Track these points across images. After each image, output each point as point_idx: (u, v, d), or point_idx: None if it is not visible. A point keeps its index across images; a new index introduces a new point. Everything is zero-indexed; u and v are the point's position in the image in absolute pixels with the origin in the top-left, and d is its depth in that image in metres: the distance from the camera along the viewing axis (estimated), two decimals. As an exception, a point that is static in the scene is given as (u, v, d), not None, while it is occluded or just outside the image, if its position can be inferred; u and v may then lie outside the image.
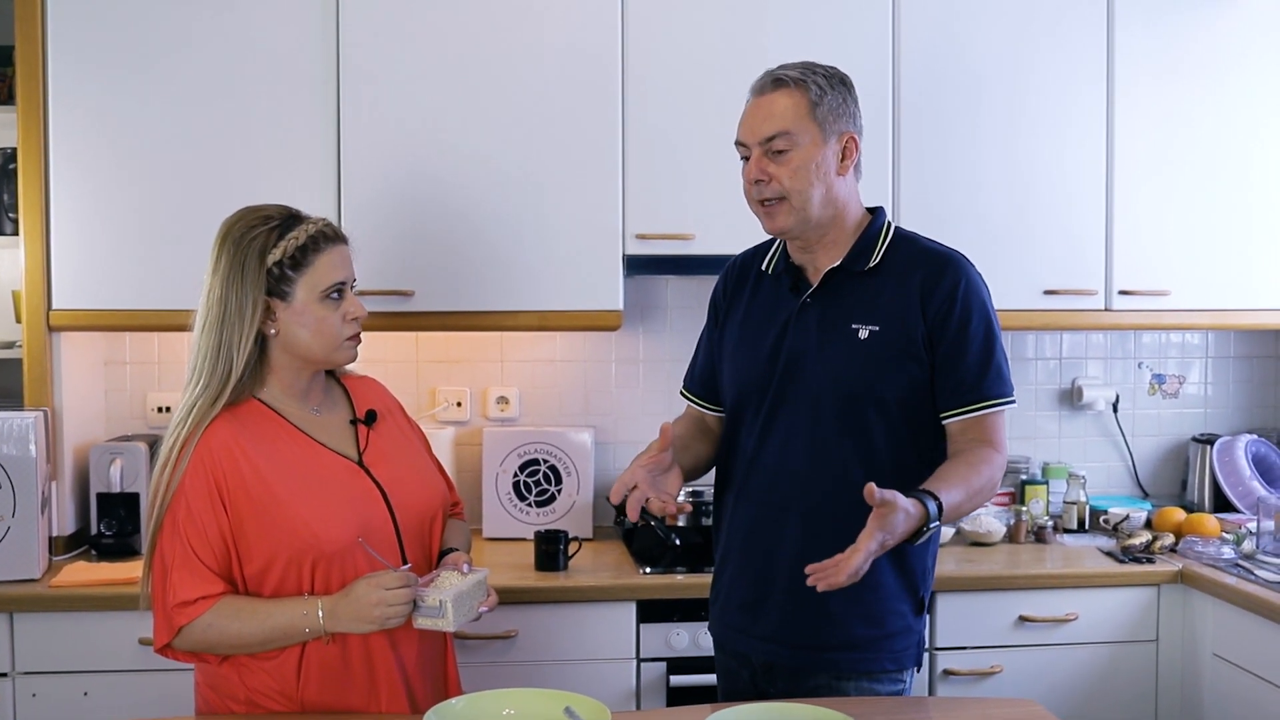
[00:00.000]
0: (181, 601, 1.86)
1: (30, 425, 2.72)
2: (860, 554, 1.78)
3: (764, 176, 2.06)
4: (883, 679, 2.10)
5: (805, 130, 2.04)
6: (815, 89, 2.05)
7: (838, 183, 2.08)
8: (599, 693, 2.05)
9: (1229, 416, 3.69)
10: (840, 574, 1.78)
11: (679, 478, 2.06)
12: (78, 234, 2.89)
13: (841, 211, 2.10)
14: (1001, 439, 2.05)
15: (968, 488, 1.95)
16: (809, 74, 2.06)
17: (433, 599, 1.88)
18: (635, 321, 3.42)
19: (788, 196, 2.05)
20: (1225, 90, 3.22)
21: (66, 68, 2.88)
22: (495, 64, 2.96)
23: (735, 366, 2.20)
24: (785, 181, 2.04)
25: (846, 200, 2.10)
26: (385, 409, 2.15)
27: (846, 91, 2.10)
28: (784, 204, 2.06)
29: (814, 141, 2.04)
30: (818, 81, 2.06)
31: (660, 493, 2.00)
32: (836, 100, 2.06)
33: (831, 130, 2.06)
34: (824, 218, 2.08)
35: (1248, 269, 3.25)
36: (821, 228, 2.09)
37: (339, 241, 2.00)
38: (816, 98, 2.04)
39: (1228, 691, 2.79)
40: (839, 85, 2.08)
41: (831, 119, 2.05)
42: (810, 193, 2.05)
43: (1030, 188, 3.15)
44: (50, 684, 2.65)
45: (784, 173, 2.04)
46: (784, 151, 2.04)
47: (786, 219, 2.07)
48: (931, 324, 2.04)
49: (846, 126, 2.08)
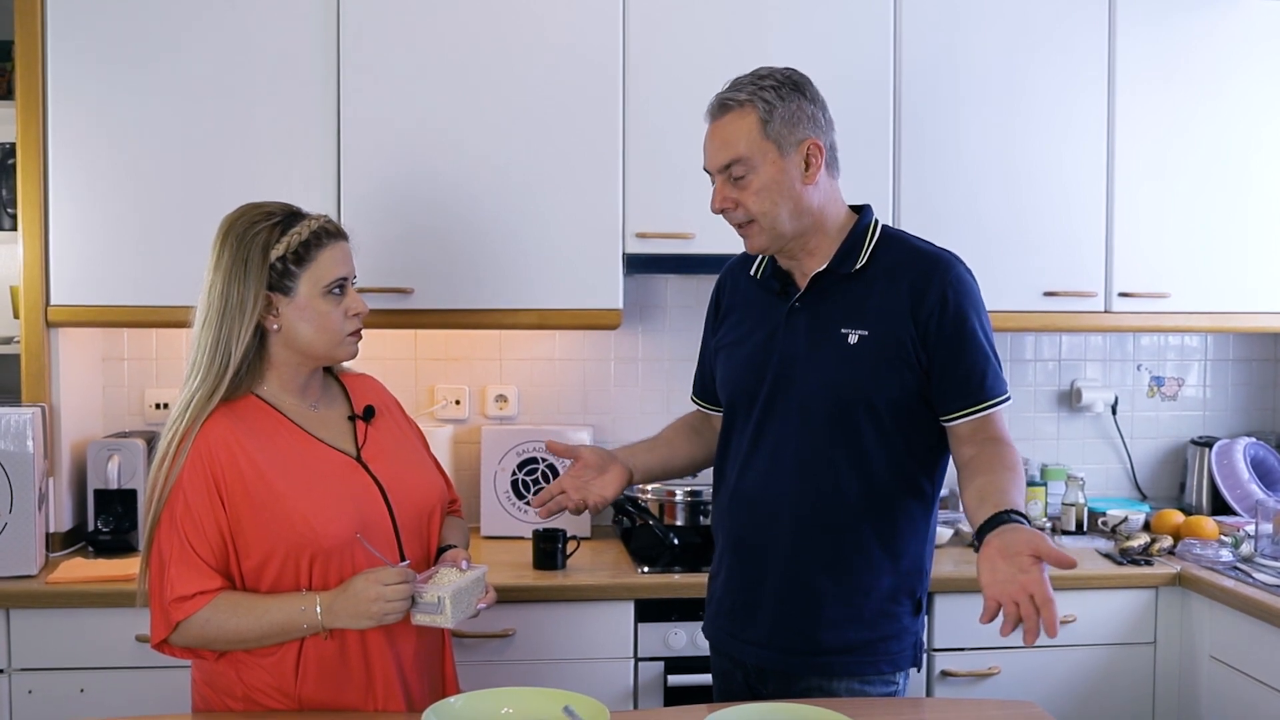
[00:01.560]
0: (179, 596, 1.85)
1: (28, 421, 2.71)
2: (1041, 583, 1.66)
3: (729, 204, 2.05)
4: (874, 681, 2.09)
5: (761, 151, 2.01)
6: (763, 105, 2.00)
7: (807, 192, 2.04)
8: (597, 692, 2.05)
9: (1227, 419, 3.70)
10: (1051, 626, 1.64)
11: (620, 477, 2.18)
12: (76, 230, 2.89)
13: (819, 218, 2.07)
14: (1006, 435, 2.03)
15: (1003, 478, 1.91)
16: (756, 91, 2.01)
17: (431, 595, 1.88)
18: (634, 320, 3.41)
19: (755, 220, 2.04)
20: (1225, 94, 3.23)
21: (66, 63, 2.87)
22: (496, 63, 2.96)
23: (727, 372, 2.21)
24: (751, 206, 2.03)
25: (822, 206, 2.07)
26: (383, 406, 2.15)
27: (800, 96, 2.03)
28: (754, 225, 2.05)
29: (772, 160, 2.01)
30: (765, 97, 2.00)
31: (585, 492, 2.15)
32: (789, 110, 2.01)
33: (789, 143, 2.01)
34: (800, 228, 2.06)
35: (1247, 272, 3.25)
36: (802, 238, 2.07)
37: (340, 238, 2.01)
38: (766, 114, 2.00)
39: (1225, 694, 2.79)
40: (791, 93, 2.02)
41: (787, 132, 2.01)
42: (777, 212, 2.03)
43: (1030, 189, 3.15)
44: (47, 681, 2.65)
45: (748, 197, 2.03)
46: (743, 177, 2.02)
47: (760, 239, 2.06)
48: (923, 327, 2.02)
49: (806, 134, 2.02)
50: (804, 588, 2.07)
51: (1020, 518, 1.79)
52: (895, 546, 2.08)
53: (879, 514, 2.06)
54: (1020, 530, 1.74)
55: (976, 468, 1.98)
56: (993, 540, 1.75)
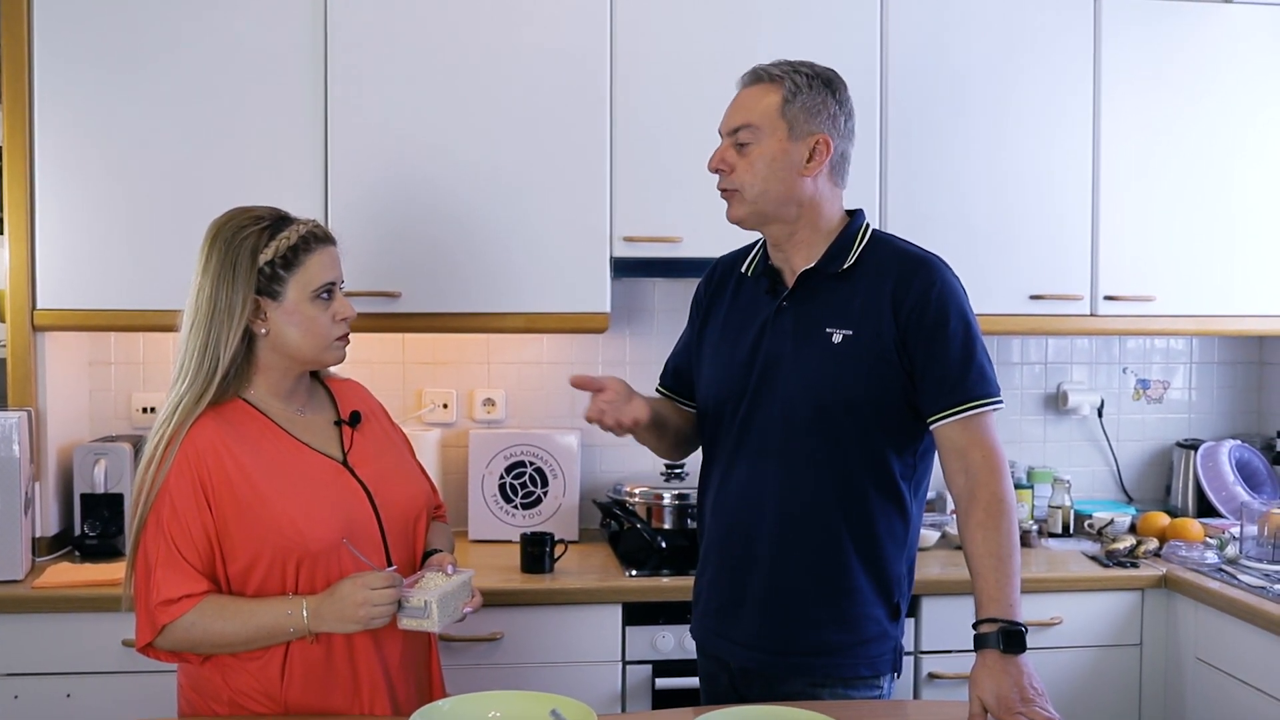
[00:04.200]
0: (165, 600, 1.85)
1: (14, 425, 2.71)
2: None
3: (724, 166, 2.07)
4: (858, 685, 2.09)
5: (771, 126, 2.03)
6: (790, 86, 2.04)
7: (802, 182, 2.05)
8: (584, 695, 2.05)
9: (1213, 422, 3.71)
10: None
11: (644, 404, 2.12)
12: (63, 233, 2.88)
13: (809, 212, 2.07)
14: (994, 441, 2.00)
15: (998, 560, 1.93)
16: (790, 72, 2.05)
17: (417, 600, 1.88)
18: (622, 324, 3.42)
19: (740, 189, 2.06)
20: (1211, 98, 3.24)
21: (52, 66, 2.86)
22: (483, 66, 2.96)
23: (713, 370, 2.20)
24: (741, 173, 2.05)
25: (816, 201, 2.07)
26: (368, 411, 2.15)
27: (829, 94, 2.06)
28: (737, 194, 2.07)
29: (778, 138, 2.03)
30: (796, 80, 2.04)
31: (619, 413, 2.08)
32: (813, 100, 2.04)
33: (801, 130, 2.03)
34: (785, 215, 2.07)
35: (1232, 275, 3.27)
36: (786, 225, 2.08)
37: (329, 242, 2.01)
38: (790, 95, 2.03)
39: (1210, 695, 2.80)
40: (820, 87, 2.06)
41: (803, 118, 2.03)
42: (765, 188, 2.04)
43: (1016, 193, 3.16)
44: (33, 686, 2.64)
45: (742, 164, 2.05)
46: (746, 144, 2.05)
47: (739, 209, 2.08)
48: (904, 327, 2.01)
49: (820, 129, 2.04)
50: (788, 587, 2.08)
51: (1017, 629, 1.88)
52: (875, 549, 2.08)
53: (858, 517, 2.06)
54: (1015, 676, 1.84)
55: (972, 523, 1.97)
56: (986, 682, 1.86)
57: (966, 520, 1.98)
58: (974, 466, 1.98)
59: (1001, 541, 1.94)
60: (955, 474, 2.01)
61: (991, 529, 1.95)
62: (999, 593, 1.91)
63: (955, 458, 2.01)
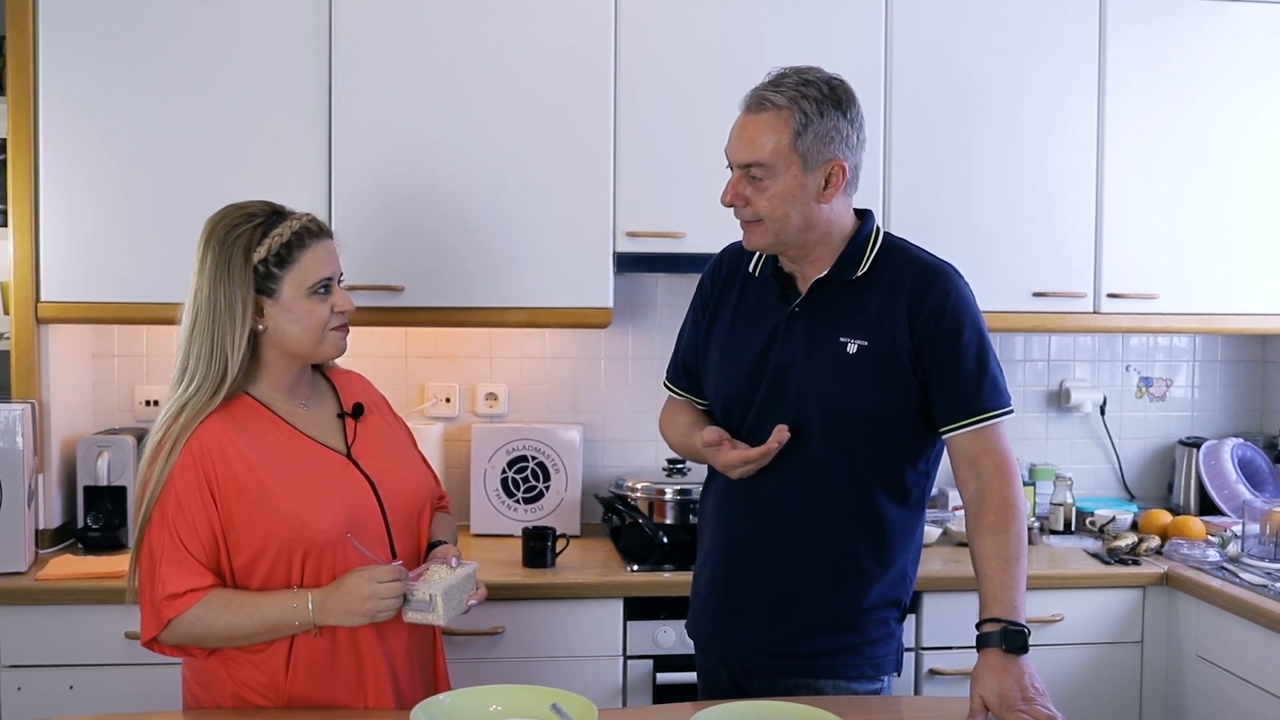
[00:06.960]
0: (170, 594, 1.85)
1: (17, 417, 2.71)
2: None
3: (739, 201, 2.03)
4: (859, 680, 2.10)
5: (785, 162, 1.97)
6: (800, 117, 1.96)
7: (820, 208, 2.01)
8: (586, 690, 2.06)
9: (1215, 420, 3.71)
10: None
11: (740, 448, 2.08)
12: (67, 226, 2.88)
13: (826, 231, 2.05)
14: (1007, 449, 2.01)
15: (1005, 562, 1.94)
16: (798, 99, 1.96)
17: (422, 593, 1.89)
18: (625, 319, 3.42)
19: (763, 220, 2.02)
20: (1214, 97, 3.24)
21: (57, 59, 2.86)
22: (488, 61, 2.96)
23: (722, 374, 2.17)
24: (761, 207, 2.00)
25: (831, 220, 2.04)
26: (371, 403, 2.15)
27: (839, 114, 1.99)
28: (760, 225, 2.03)
29: (794, 173, 1.98)
30: (804, 107, 1.96)
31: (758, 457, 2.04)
32: (826, 126, 1.97)
33: (815, 160, 1.98)
34: (805, 240, 2.04)
35: (1235, 274, 3.27)
36: (804, 247, 2.06)
37: (324, 236, 1.99)
38: (800, 127, 1.96)
39: (1211, 693, 2.80)
40: (831, 109, 1.98)
41: (816, 148, 1.97)
42: (786, 221, 2.01)
43: (1021, 191, 3.16)
44: (36, 678, 2.64)
45: (760, 199, 2.00)
46: (761, 179, 1.99)
47: (762, 239, 2.04)
48: (919, 338, 2.01)
49: (835, 154, 1.99)
50: (792, 594, 2.08)
51: (1020, 629, 1.89)
52: (885, 556, 2.08)
53: (870, 524, 2.06)
54: (1016, 675, 1.85)
55: (981, 526, 1.97)
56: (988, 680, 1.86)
57: (976, 523, 1.99)
58: (985, 473, 2.00)
59: (1009, 544, 1.95)
60: (966, 479, 2.02)
61: (1000, 532, 1.96)
62: (1004, 594, 1.91)
63: (967, 464, 2.02)
